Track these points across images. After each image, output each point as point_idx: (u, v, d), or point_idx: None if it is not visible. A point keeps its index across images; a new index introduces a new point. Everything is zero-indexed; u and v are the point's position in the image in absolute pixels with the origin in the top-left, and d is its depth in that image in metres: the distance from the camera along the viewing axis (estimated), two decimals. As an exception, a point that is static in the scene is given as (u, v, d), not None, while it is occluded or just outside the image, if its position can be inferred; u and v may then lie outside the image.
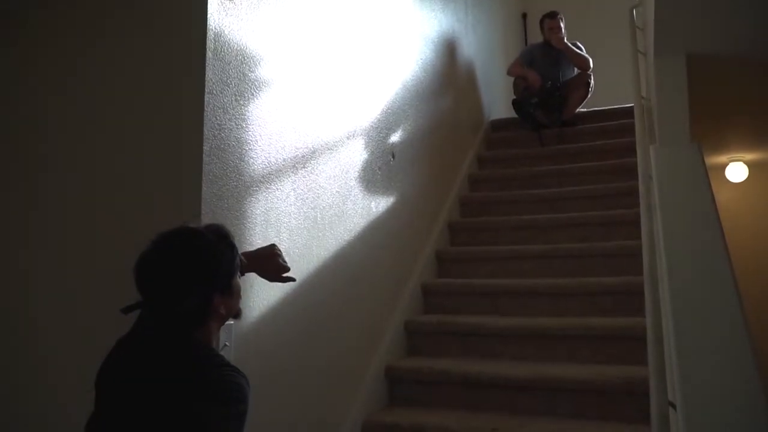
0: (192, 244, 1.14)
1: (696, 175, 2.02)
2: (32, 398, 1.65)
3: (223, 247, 1.16)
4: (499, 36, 5.46)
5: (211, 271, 1.13)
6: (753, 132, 3.98)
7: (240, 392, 1.06)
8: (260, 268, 1.48)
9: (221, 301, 1.15)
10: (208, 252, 1.14)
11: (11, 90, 1.82)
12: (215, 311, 1.14)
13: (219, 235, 1.18)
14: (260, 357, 1.76)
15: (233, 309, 1.22)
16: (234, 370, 1.10)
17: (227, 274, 1.16)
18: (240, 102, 1.72)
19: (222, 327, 1.27)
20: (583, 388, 2.24)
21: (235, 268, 1.20)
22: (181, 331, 1.12)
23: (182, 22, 1.62)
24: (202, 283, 1.11)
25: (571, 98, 4.37)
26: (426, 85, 3.34)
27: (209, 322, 1.15)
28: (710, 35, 2.31)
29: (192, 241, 1.15)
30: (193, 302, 1.10)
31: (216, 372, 1.07)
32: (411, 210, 3.00)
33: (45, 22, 1.81)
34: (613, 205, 3.32)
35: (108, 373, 1.12)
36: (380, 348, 2.55)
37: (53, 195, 1.72)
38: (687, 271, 1.60)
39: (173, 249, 1.13)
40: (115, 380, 1.10)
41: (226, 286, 1.16)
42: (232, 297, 1.19)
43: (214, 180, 1.59)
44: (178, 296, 1.09)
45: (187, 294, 1.09)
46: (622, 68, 3.50)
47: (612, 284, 2.71)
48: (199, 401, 1.01)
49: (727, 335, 1.39)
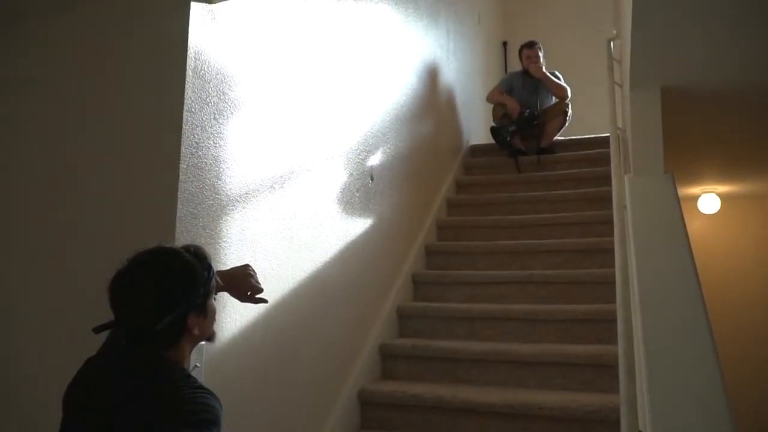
0: (169, 264, 1.13)
1: (669, 206, 2.05)
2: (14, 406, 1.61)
3: (200, 267, 1.15)
4: (480, 63, 5.55)
5: (187, 291, 1.11)
6: (725, 164, 4.07)
7: (212, 414, 1.04)
8: (233, 288, 1.46)
9: (196, 322, 1.13)
10: (184, 272, 1.13)
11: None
12: (189, 332, 1.13)
13: (196, 255, 1.17)
14: (232, 378, 1.73)
15: (207, 330, 1.21)
16: (206, 392, 1.08)
17: (203, 294, 1.15)
18: (219, 120, 1.71)
19: (194, 348, 1.25)
20: (555, 415, 2.24)
21: (211, 289, 1.19)
22: (152, 351, 1.10)
23: (163, 40, 1.62)
24: (178, 303, 1.10)
25: (549, 126, 4.45)
26: (406, 109, 3.37)
27: (182, 343, 1.13)
28: (685, 69, 2.36)
29: (169, 261, 1.13)
30: (167, 322, 1.08)
31: (187, 393, 1.05)
32: (388, 233, 3.00)
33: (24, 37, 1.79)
34: (589, 233, 3.36)
35: (76, 393, 1.10)
36: (354, 371, 2.53)
37: (27, 209, 1.69)
38: (659, 300, 1.62)
39: (149, 268, 1.11)
40: (83, 401, 1.08)
41: (201, 306, 1.15)
42: (207, 318, 1.18)
43: (190, 198, 1.58)
44: (153, 316, 1.07)
45: (162, 314, 1.08)
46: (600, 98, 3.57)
47: (586, 312, 2.73)
48: (169, 423, 0.99)
49: (697, 364, 1.41)
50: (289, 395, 2.04)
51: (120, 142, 1.63)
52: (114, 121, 1.64)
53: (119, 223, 1.58)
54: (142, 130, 1.61)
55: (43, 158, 1.70)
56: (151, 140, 1.59)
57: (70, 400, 1.09)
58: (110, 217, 1.60)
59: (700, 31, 2.04)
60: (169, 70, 1.58)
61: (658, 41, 2.14)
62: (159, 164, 1.57)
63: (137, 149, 1.60)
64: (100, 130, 1.65)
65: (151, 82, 1.62)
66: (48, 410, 1.13)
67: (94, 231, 1.61)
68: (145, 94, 1.62)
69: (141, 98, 1.62)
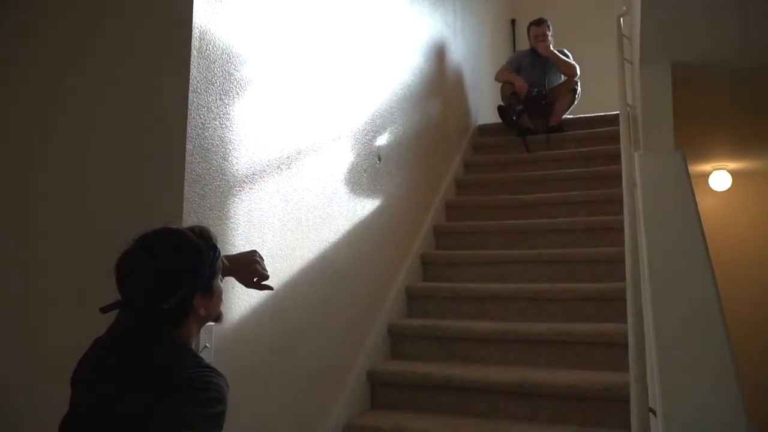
0: (174, 244, 1.13)
1: (680, 183, 2.03)
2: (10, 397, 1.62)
3: (205, 248, 1.15)
4: (488, 41, 5.48)
5: (192, 271, 1.12)
6: (736, 140, 4.02)
7: (218, 393, 1.05)
8: (239, 273, 1.46)
9: (201, 303, 1.14)
10: (189, 252, 1.13)
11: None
12: (195, 312, 1.13)
13: (201, 235, 1.17)
14: (241, 359, 1.74)
15: (214, 311, 1.21)
16: (212, 371, 1.09)
17: (209, 275, 1.15)
18: (225, 101, 1.70)
19: (202, 329, 1.25)
20: (564, 394, 2.25)
21: (217, 269, 1.19)
22: (159, 332, 1.10)
23: (168, 20, 1.60)
24: (183, 283, 1.10)
25: (558, 105, 4.40)
26: (414, 89, 3.34)
27: (188, 323, 1.14)
28: (695, 44, 2.33)
29: (174, 241, 1.14)
30: (173, 302, 1.08)
31: (194, 372, 1.05)
32: (396, 213, 3.00)
33: (26, 16, 1.78)
34: (598, 212, 3.34)
35: (84, 373, 1.11)
36: (363, 351, 2.54)
37: (33, 193, 1.70)
38: (669, 278, 1.61)
39: (155, 248, 1.12)
40: (91, 380, 1.09)
41: (207, 287, 1.15)
42: (213, 299, 1.18)
43: (197, 179, 1.58)
44: (159, 296, 1.08)
45: (168, 294, 1.08)
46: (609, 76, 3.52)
47: (595, 290, 2.72)
48: (175, 402, 0.99)
49: (708, 342, 1.40)
50: (298, 375, 2.05)
51: (126, 123, 1.62)
52: (119, 103, 1.64)
53: (127, 205, 1.59)
54: (147, 111, 1.60)
55: (48, 142, 1.70)
56: (157, 121, 1.59)
57: (79, 378, 1.10)
58: (118, 199, 1.60)
59: (710, 6, 2.01)
60: (173, 50, 1.57)
61: (669, 16, 2.11)
62: (165, 145, 1.56)
63: (143, 131, 1.60)
64: (105, 112, 1.65)
65: (156, 63, 1.61)
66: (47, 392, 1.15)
67: (101, 213, 1.61)
68: (150, 75, 1.61)
69: (146, 79, 1.61)
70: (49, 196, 1.68)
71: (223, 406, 1.04)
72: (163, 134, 1.57)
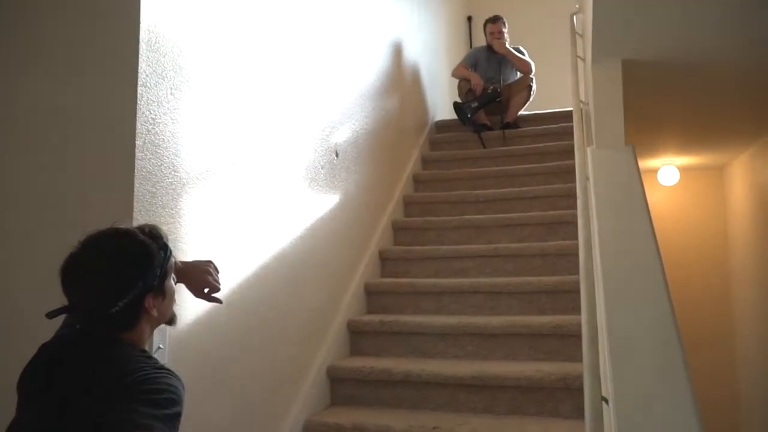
0: (122, 245, 1.09)
1: (630, 177, 2.08)
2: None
3: (155, 247, 1.12)
4: (444, 38, 5.52)
5: (141, 272, 1.08)
6: (684, 137, 4.15)
7: (173, 394, 1.02)
8: (189, 282, 1.41)
9: (153, 303, 1.11)
10: (138, 252, 1.09)
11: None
12: (147, 313, 1.10)
13: (151, 235, 1.14)
14: (197, 358, 1.71)
15: (166, 312, 1.18)
16: (167, 372, 1.06)
17: (160, 275, 1.12)
18: (176, 95, 1.66)
19: (156, 329, 1.22)
20: (521, 385, 2.28)
21: (169, 269, 1.16)
22: (110, 335, 1.07)
23: (114, 11, 1.55)
24: (132, 285, 1.07)
25: (514, 101, 4.47)
26: (371, 85, 3.34)
27: (140, 325, 1.10)
28: (644, 42, 2.38)
29: (122, 242, 1.10)
30: (123, 305, 1.05)
31: (147, 374, 1.02)
32: (354, 209, 2.99)
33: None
34: (553, 206, 3.40)
35: (30, 378, 1.06)
36: (322, 348, 2.53)
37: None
38: (620, 270, 1.65)
39: (102, 250, 1.08)
40: (38, 386, 1.05)
41: (158, 287, 1.12)
42: (165, 299, 1.15)
43: (148, 176, 1.54)
44: (107, 299, 1.05)
45: (117, 297, 1.05)
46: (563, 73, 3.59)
47: (550, 283, 2.77)
48: (129, 404, 0.96)
49: (657, 333, 1.44)
50: (256, 374, 2.02)
51: (73, 119, 1.57)
52: (65, 98, 1.58)
53: (75, 204, 1.53)
54: (95, 106, 1.55)
55: (-9, 137, 1.63)
56: (105, 117, 1.53)
57: (25, 386, 1.06)
58: (66, 198, 1.55)
59: (659, 6, 2.06)
60: (120, 42, 1.53)
61: (619, 15, 2.16)
62: (114, 142, 1.52)
63: (91, 127, 1.55)
64: (51, 107, 1.59)
65: (103, 56, 1.55)
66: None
67: (48, 212, 1.55)
68: (96, 69, 1.56)
69: (92, 73, 1.56)
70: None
71: (178, 407, 1.01)
72: (112, 130, 1.52)
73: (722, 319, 4.86)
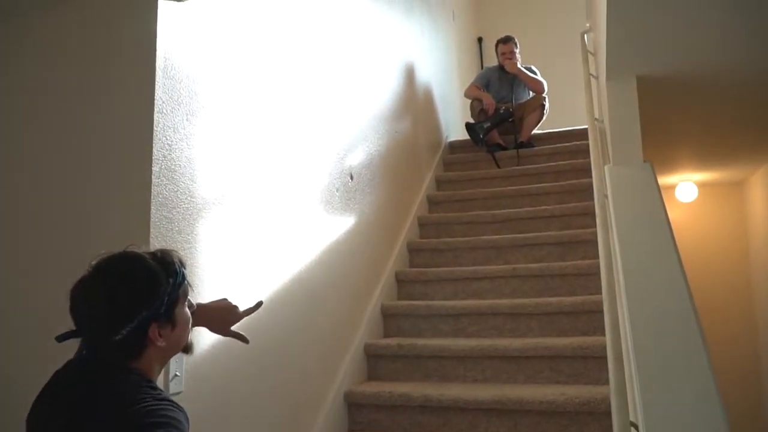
0: (125, 271, 1.06)
1: (650, 194, 2.05)
2: None
3: (162, 274, 1.07)
4: (455, 59, 5.54)
5: (144, 300, 1.04)
6: (701, 153, 4.10)
7: (175, 427, 0.97)
8: (212, 322, 1.38)
9: (159, 333, 1.06)
10: (143, 279, 1.06)
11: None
12: (152, 344, 1.06)
13: (162, 261, 1.10)
14: (213, 385, 1.68)
15: (178, 341, 1.13)
16: (171, 404, 1.01)
17: (167, 303, 1.07)
18: (191, 121, 1.66)
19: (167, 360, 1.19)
20: (543, 410, 2.23)
21: (180, 296, 1.12)
22: (114, 363, 1.04)
23: (130, 40, 1.57)
24: (134, 313, 1.03)
25: (527, 120, 4.46)
26: (384, 107, 3.34)
27: (147, 355, 1.06)
28: (659, 58, 2.36)
29: (126, 267, 1.06)
30: (126, 333, 1.01)
31: (150, 405, 0.98)
32: (370, 231, 2.97)
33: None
34: (570, 225, 3.36)
35: (37, 409, 1.04)
36: (340, 372, 2.49)
37: None
38: (645, 288, 1.61)
39: (105, 275, 1.05)
40: (44, 418, 1.02)
41: (166, 316, 1.08)
42: (176, 328, 1.10)
43: (164, 203, 1.53)
44: (109, 326, 1.01)
45: (118, 325, 1.01)
46: (577, 91, 3.58)
47: (569, 304, 2.72)
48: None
49: (686, 352, 1.40)
50: (273, 400, 1.99)
51: (90, 145, 1.57)
52: (83, 124, 1.58)
53: (92, 230, 1.53)
54: (112, 132, 1.55)
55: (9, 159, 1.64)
56: (122, 143, 1.54)
57: (30, 418, 1.03)
58: (82, 224, 1.54)
59: (673, 22, 2.04)
60: (137, 70, 1.54)
61: (633, 32, 2.14)
62: (131, 168, 1.51)
63: (108, 153, 1.55)
64: (69, 134, 1.59)
65: (120, 84, 1.56)
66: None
67: (65, 239, 1.55)
68: (113, 96, 1.56)
69: (110, 100, 1.57)
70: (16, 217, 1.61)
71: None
72: (129, 156, 1.52)
73: (746, 335, 4.75)
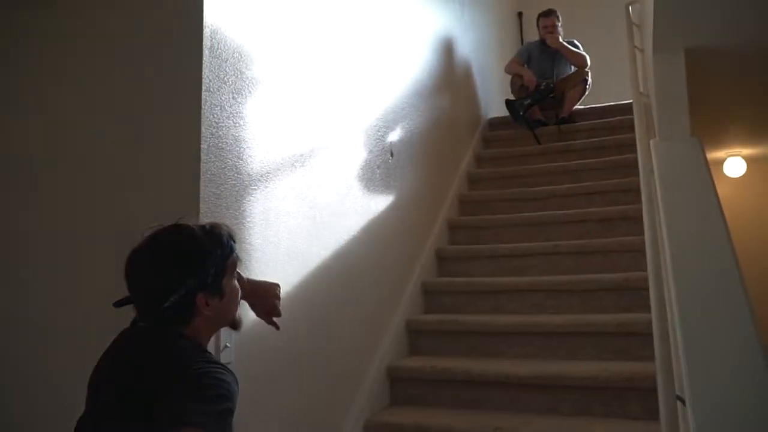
0: (174, 241, 1.11)
1: (698, 169, 2.00)
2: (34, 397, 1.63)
3: (210, 245, 1.11)
4: (495, 35, 5.45)
5: (191, 269, 1.08)
6: (751, 127, 3.98)
7: (225, 389, 1.01)
8: (255, 302, 1.42)
9: (207, 302, 1.10)
10: (190, 250, 1.10)
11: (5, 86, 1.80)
12: (200, 312, 1.09)
13: (211, 233, 1.13)
14: (261, 358, 1.73)
15: (226, 313, 1.17)
16: (221, 367, 1.05)
17: (213, 273, 1.11)
18: (237, 100, 1.70)
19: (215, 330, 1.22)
20: (586, 385, 2.23)
21: (227, 268, 1.15)
22: (166, 329, 1.08)
23: (178, 19, 1.60)
24: (182, 281, 1.07)
25: (569, 96, 4.37)
26: (424, 84, 3.33)
27: (197, 323, 1.10)
28: (708, 30, 2.29)
29: (175, 238, 1.11)
30: (174, 300, 1.06)
31: (200, 368, 1.02)
32: (410, 209, 2.98)
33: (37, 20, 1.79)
34: (612, 202, 3.31)
35: (96, 371, 1.10)
36: (381, 347, 2.53)
37: (50, 194, 1.70)
38: (692, 265, 1.59)
39: (156, 245, 1.10)
40: (99, 378, 1.09)
41: (213, 285, 1.11)
42: (223, 299, 1.14)
43: (212, 179, 1.57)
44: (158, 294, 1.06)
45: (166, 292, 1.06)
46: (620, 64, 3.49)
47: (612, 281, 2.70)
48: (179, 398, 0.96)
49: (734, 328, 1.38)
50: (317, 373, 2.04)
51: (139, 123, 1.62)
52: (132, 103, 1.64)
53: (143, 206, 1.58)
54: (162, 111, 1.60)
55: (63, 141, 1.70)
56: (172, 121, 1.58)
57: (91, 378, 1.09)
58: (134, 200, 1.60)
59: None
60: (185, 49, 1.57)
61: (681, 3, 2.08)
62: (180, 145, 1.56)
63: (158, 131, 1.60)
64: (118, 112, 1.65)
65: (168, 63, 1.61)
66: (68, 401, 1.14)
67: (116, 214, 1.61)
68: (162, 75, 1.61)
69: (158, 79, 1.61)
70: (67, 196, 1.68)
71: (229, 402, 1.00)
72: (178, 134, 1.57)
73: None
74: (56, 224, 1.68)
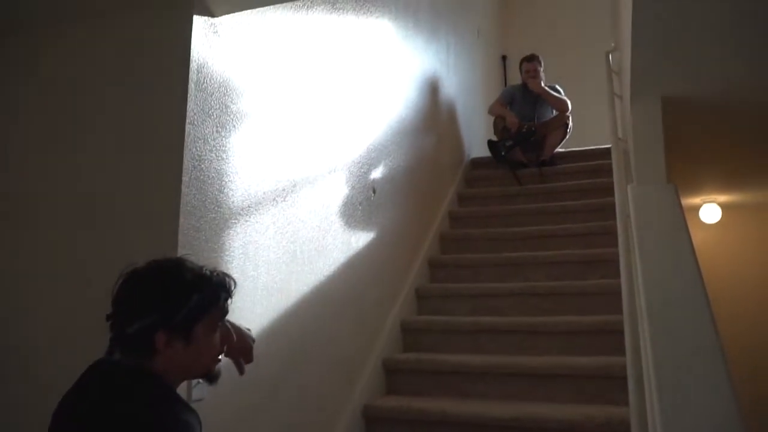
0: (153, 272, 1.09)
1: (673, 215, 2.04)
2: None
3: (189, 286, 1.08)
4: (480, 77, 5.57)
5: (164, 302, 1.06)
6: (726, 174, 4.06)
7: (187, 429, 0.98)
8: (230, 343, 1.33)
9: (166, 342, 1.04)
10: (170, 283, 1.08)
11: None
12: (161, 349, 1.04)
13: (202, 276, 1.10)
14: (234, 393, 1.70)
15: (193, 362, 1.09)
16: (184, 407, 1.03)
17: (185, 314, 1.06)
18: (221, 133, 1.70)
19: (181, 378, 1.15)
20: (564, 428, 2.21)
21: (205, 315, 1.09)
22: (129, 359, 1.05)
23: (166, 53, 1.62)
24: (151, 310, 1.05)
25: (550, 139, 4.45)
26: (408, 123, 3.37)
27: (158, 359, 1.05)
28: (685, 79, 2.36)
29: (156, 270, 1.10)
30: (135, 328, 1.03)
31: (161, 408, 1.00)
32: (391, 246, 2.99)
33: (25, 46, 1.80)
34: (591, 244, 3.35)
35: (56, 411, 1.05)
36: (359, 385, 2.50)
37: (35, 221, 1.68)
38: (667, 311, 1.60)
39: (147, 271, 1.09)
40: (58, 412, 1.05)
41: (180, 328, 1.06)
42: (189, 345, 1.07)
43: (193, 211, 1.57)
44: (127, 315, 1.05)
45: (134, 315, 1.04)
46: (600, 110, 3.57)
47: (590, 323, 2.71)
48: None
49: (708, 375, 1.39)
50: (293, 410, 2.01)
51: (122, 154, 1.62)
52: (116, 134, 1.64)
53: (121, 237, 1.57)
54: (144, 143, 1.60)
55: (41, 170, 1.70)
56: (154, 153, 1.58)
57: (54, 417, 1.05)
58: (111, 231, 1.59)
59: (699, 43, 2.04)
60: (171, 83, 1.58)
61: (658, 53, 2.15)
62: (161, 177, 1.56)
63: (139, 162, 1.60)
64: (102, 143, 1.65)
65: (154, 96, 1.62)
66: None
67: (94, 244, 1.59)
68: (147, 107, 1.62)
69: (143, 111, 1.62)
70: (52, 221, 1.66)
71: None
72: (160, 166, 1.57)
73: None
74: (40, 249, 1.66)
